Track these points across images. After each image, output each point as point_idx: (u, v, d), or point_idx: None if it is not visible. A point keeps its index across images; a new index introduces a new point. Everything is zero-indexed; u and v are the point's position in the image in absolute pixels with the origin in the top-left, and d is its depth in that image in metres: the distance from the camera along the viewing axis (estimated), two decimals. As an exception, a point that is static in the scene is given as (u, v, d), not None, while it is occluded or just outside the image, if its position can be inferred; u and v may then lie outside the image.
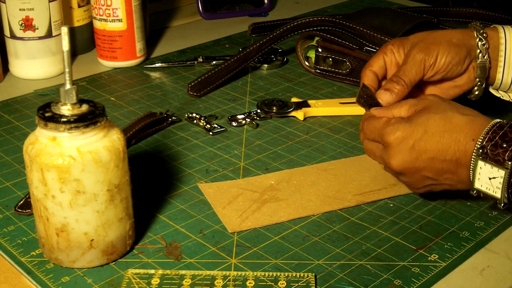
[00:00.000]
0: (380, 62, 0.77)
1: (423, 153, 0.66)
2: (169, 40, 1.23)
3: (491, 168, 0.63)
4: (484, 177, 0.64)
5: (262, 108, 0.93)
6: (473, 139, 0.64)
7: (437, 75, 0.76)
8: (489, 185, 0.63)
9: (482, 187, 0.64)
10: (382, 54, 0.77)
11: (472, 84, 0.78)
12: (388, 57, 0.77)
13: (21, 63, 1.04)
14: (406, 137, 0.66)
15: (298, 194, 0.75)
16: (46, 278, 0.62)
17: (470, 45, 0.76)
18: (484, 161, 0.63)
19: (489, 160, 0.63)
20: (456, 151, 0.65)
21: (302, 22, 1.04)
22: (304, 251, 0.66)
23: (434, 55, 0.75)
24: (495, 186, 0.63)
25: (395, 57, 0.77)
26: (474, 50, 0.76)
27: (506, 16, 1.20)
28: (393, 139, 0.67)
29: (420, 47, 0.75)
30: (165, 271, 0.63)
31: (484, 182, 0.64)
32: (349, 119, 0.93)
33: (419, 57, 0.74)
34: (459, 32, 0.77)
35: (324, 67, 1.04)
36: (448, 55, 0.75)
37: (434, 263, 0.64)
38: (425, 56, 0.74)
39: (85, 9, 1.12)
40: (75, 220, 0.60)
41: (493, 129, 0.63)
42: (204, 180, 0.78)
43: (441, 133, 0.65)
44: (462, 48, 0.76)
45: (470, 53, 0.76)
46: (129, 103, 0.97)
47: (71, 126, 0.58)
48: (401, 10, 1.14)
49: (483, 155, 0.63)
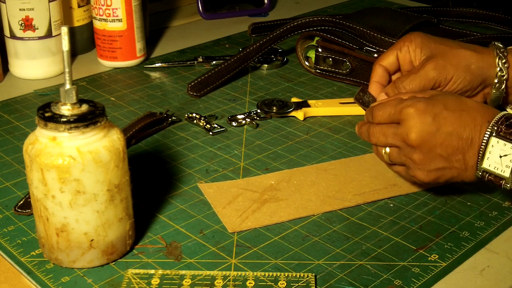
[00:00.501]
0: (392, 58, 0.76)
1: (443, 126, 0.65)
2: (169, 40, 1.23)
3: (503, 145, 0.63)
4: (494, 155, 0.64)
5: (262, 108, 0.93)
6: (488, 120, 0.65)
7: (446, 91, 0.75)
8: (499, 163, 0.64)
9: (490, 166, 0.64)
10: (396, 51, 0.76)
11: None
12: (402, 54, 0.76)
13: (21, 63, 1.04)
14: (428, 109, 0.65)
15: (298, 194, 0.75)
16: (46, 278, 0.62)
17: (488, 75, 0.75)
18: (497, 138, 0.63)
19: (502, 137, 0.63)
20: (473, 129, 0.65)
21: (302, 22, 1.04)
22: (304, 251, 0.66)
23: (448, 78, 0.74)
24: (505, 165, 0.63)
25: (410, 55, 0.76)
26: (490, 79, 0.75)
27: (506, 16, 1.20)
28: (414, 110, 0.66)
29: (437, 64, 0.74)
30: (165, 271, 0.63)
31: (493, 161, 0.64)
32: (349, 119, 0.93)
33: (432, 74, 0.73)
34: (480, 59, 0.75)
35: (324, 67, 1.04)
36: (462, 82, 0.74)
37: (434, 263, 0.64)
38: (439, 76, 0.73)
39: (85, 9, 1.12)
40: (75, 220, 0.60)
41: (506, 115, 0.64)
42: (204, 180, 0.78)
43: (460, 111, 0.65)
44: (479, 77, 0.75)
45: (485, 81, 0.75)
46: (129, 103, 0.97)
47: (71, 126, 0.58)
48: (401, 10, 1.14)
49: (497, 132, 0.64)
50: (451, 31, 1.07)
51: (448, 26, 1.10)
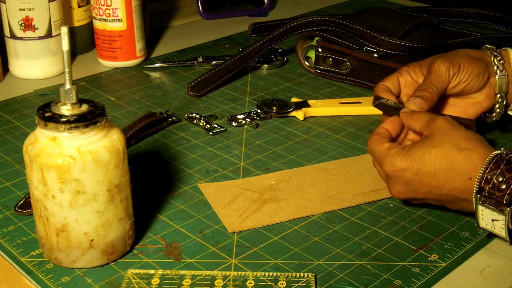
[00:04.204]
0: (394, 80, 0.78)
1: (419, 187, 0.67)
2: (169, 40, 1.23)
3: (491, 212, 0.63)
4: (487, 218, 0.64)
5: (262, 108, 0.93)
6: (470, 178, 0.64)
7: (459, 86, 0.76)
8: (493, 226, 0.64)
9: (487, 226, 0.65)
10: (397, 75, 0.78)
11: (492, 101, 0.78)
12: (402, 77, 0.78)
13: (21, 63, 1.04)
14: (402, 171, 0.67)
15: (298, 194, 0.75)
16: (46, 278, 0.62)
17: (487, 61, 0.77)
18: (483, 206, 0.64)
19: (488, 205, 0.63)
20: (452, 188, 0.65)
21: (302, 22, 1.04)
22: (304, 251, 0.66)
23: (457, 65, 0.75)
24: (499, 227, 0.64)
25: (411, 76, 0.78)
26: (491, 66, 0.77)
27: (506, 16, 1.20)
28: (390, 171, 0.68)
29: (443, 60, 0.76)
30: (165, 271, 0.63)
31: (488, 222, 0.65)
32: (349, 119, 0.93)
33: (443, 67, 0.75)
34: (475, 50, 0.79)
35: (324, 67, 1.04)
36: (470, 66, 0.76)
37: (434, 263, 0.64)
38: (449, 66, 0.75)
39: (85, 9, 1.12)
40: (75, 220, 0.60)
41: (490, 167, 0.63)
42: (204, 180, 0.78)
43: (435, 171, 0.66)
44: (481, 61, 0.77)
45: (488, 68, 0.77)
46: (129, 103, 0.97)
47: (71, 126, 0.58)
48: (401, 10, 1.14)
49: (482, 199, 0.63)
50: (451, 31, 1.07)
51: (448, 26, 1.10)
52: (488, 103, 0.78)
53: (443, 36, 1.03)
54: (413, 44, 0.96)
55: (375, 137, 0.71)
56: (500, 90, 0.77)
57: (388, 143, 0.70)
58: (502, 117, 0.80)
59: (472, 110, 0.79)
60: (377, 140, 0.70)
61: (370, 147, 0.71)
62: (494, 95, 0.78)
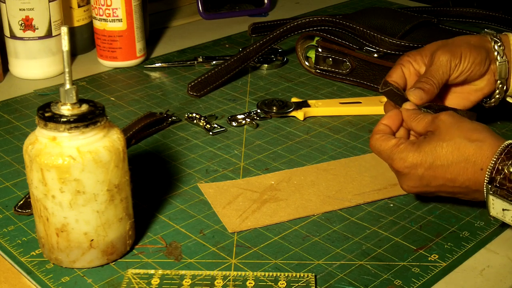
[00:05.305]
0: (399, 72, 0.77)
1: (432, 181, 0.66)
2: (169, 40, 1.23)
3: (502, 202, 0.63)
4: (498, 208, 0.64)
5: (262, 108, 0.93)
6: (481, 168, 0.64)
7: (461, 76, 0.76)
8: (504, 215, 0.64)
9: (498, 214, 0.65)
10: (400, 66, 0.78)
11: (493, 87, 0.78)
12: (406, 68, 0.78)
13: (21, 63, 1.04)
14: (415, 167, 0.66)
15: (298, 194, 0.75)
16: (46, 278, 0.62)
17: (488, 47, 0.77)
18: (494, 196, 0.63)
19: (499, 195, 0.63)
20: (465, 180, 0.65)
21: (302, 22, 1.04)
22: (304, 251, 0.66)
23: (458, 56, 0.75)
24: (510, 216, 0.63)
25: (414, 66, 0.77)
26: (491, 52, 0.77)
27: (506, 16, 1.20)
28: (402, 168, 0.67)
29: (444, 50, 0.76)
30: (165, 271, 0.63)
31: (499, 211, 0.64)
32: (349, 119, 0.93)
33: (444, 58, 0.75)
34: (475, 36, 0.79)
35: (324, 67, 1.04)
36: (471, 55, 0.76)
37: (434, 263, 0.64)
38: (451, 57, 0.75)
39: (85, 9, 1.12)
40: (75, 220, 0.60)
41: (501, 157, 0.63)
42: (204, 180, 0.78)
43: (448, 164, 0.65)
44: (482, 49, 0.77)
45: (489, 54, 0.77)
46: (129, 103, 0.97)
47: (71, 126, 0.58)
48: (401, 10, 1.14)
49: (493, 189, 0.63)
50: (451, 31, 1.07)
51: (448, 26, 1.10)
52: (489, 89, 0.78)
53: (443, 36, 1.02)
54: (413, 44, 0.96)
55: (378, 135, 0.71)
56: (500, 76, 0.77)
57: (394, 139, 0.69)
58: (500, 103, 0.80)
59: (474, 97, 0.79)
60: (381, 138, 0.70)
61: (375, 146, 0.70)
62: (495, 81, 0.78)
